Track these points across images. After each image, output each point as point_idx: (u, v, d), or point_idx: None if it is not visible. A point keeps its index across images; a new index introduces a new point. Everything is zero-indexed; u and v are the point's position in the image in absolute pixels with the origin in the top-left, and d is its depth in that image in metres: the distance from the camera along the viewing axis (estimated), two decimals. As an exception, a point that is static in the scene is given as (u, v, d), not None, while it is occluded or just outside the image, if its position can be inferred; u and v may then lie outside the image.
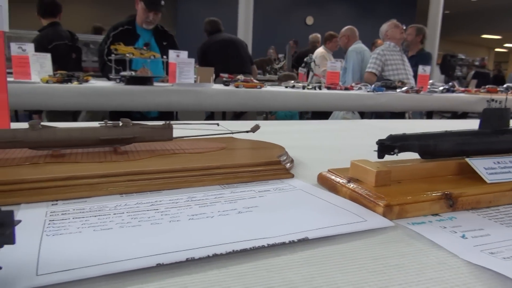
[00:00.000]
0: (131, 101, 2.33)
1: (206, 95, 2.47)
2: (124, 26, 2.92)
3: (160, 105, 2.39)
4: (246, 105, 2.57)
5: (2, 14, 0.66)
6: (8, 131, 0.51)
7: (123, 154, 0.54)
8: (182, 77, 2.55)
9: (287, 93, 2.68)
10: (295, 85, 2.97)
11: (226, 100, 2.53)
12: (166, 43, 3.00)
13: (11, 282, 0.26)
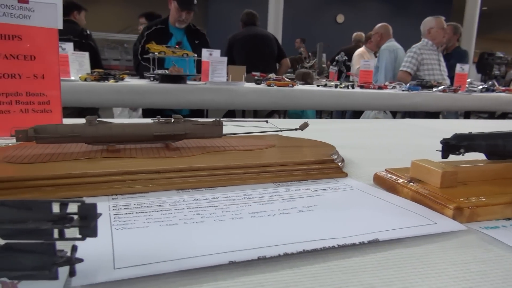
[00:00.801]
0: (164, 99, 2.36)
1: (238, 94, 2.47)
2: (158, 25, 2.97)
3: (192, 103, 2.41)
4: (277, 104, 2.56)
5: (56, 12, 0.68)
6: (66, 126, 0.52)
7: (176, 150, 0.54)
8: (214, 76, 2.57)
9: (319, 92, 2.65)
10: (327, 84, 2.93)
11: (257, 99, 2.52)
12: (198, 42, 3.03)
13: (92, 275, 0.26)
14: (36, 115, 0.69)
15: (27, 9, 0.66)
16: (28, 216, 0.24)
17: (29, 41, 0.66)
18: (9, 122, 0.67)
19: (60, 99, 0.70)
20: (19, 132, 0.50)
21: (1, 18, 0.64)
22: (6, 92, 0.66)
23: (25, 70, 0.67)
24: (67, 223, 0.24)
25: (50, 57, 0.68)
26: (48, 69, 0.68)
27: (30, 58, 0.67)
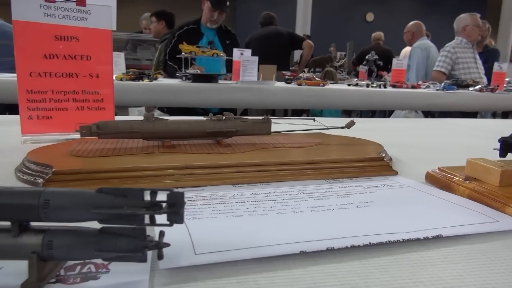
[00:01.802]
0: (197, 98, 2.40)
1: (269, 93, 2.49)
2: (190, 26, 3.03)
3: (224, 102, 2.44)
4: (308, 103, 2.56)
5: (111, 14, 0.71)
6: (126, 122, 0.55)
7: (228, 147, 0.56)
8: (245, 75, 2.59)
9: (351, 91, 2.63)
10: (358, 83, 2.90)
11: (288, 98, 2.52)
12: (229, 42, 3.07)
13: (176, 259, 0.28)
14: (90, 112, 0.72)
15: (84, 12, 0.69)
16: (123, 203, 0.26)
17: (85, 42, 0.70)
18: (66, 119, 0.71)
19: (112, 97, 0.74)
20: (83, 128, 0.53)
21: (61, 20, 0.68)
22: (64, 91, 0.70)
23: (82, 70, 0.71)
24: (158, 210, 0.26)
25: (104, 57, 0.72)
26: (102, 68, 0.72)
27: (86, 58, 0.71)
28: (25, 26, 0.66)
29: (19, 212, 0.25)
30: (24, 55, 0.67)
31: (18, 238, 0.26)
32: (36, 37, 0.67)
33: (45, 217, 0.25)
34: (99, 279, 0.27)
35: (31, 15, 0.66)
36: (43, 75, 0.68)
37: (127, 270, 0.28)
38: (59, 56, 0.69)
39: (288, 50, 3.71)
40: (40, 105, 0.68)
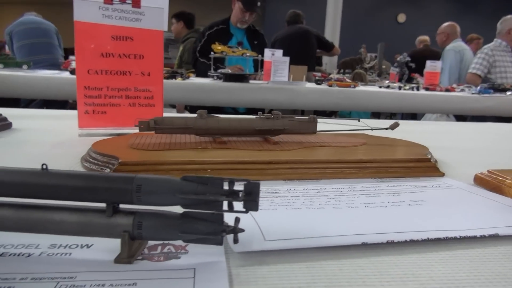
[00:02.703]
0: (228, 98, 2.44)
1: (299, 94, 2.49)
2: (219, 26, 3.07)
3: (255, 102, 2.47)
4: (339, 105, 2.55)
5: (163, 16, 0.75)
6: (181, 119, 0.58)
7: (276, 144, 0.58)
8: (276, 75, 2.61)
9: (382, 93, 2.60)
10: (390, 85, 2.86)
11: (319, 99, 2.52)
12: (257, 42, 3.10)
13: (248, 244, 0.30)
14: (141, 109, 0.76)
15: (138, 13, 0.73)
16: (205, 190, 0.29)
17: (139, 42, 0.74)
18: (119, 114, 0.75)
19: (162, 94, 0.77)
20: (141, 123, 0.57)
21: (117, 21, 0.72)
22: (118, 88, 0.74)
23: (135, 68, 0.75)
24: (236, 197, 0.28)
25: (155, 56, 0.76)
26: (153, 67, 0.76)
27: (139, 57, 0.74)
28: (85, 26, 0.70)
29: (114, 195, 0.29)
30: (83, 53, 0.71)
31: (111, 219, 0.29)
32: (94, 37, 0.71)
33: (137, 200, 0.28)
34: (180, 258, 0.30)
35: (90, 17, 0.70)
36: (99, 73, 0.72)
37: (203, 252, 0.30)
38: (115, 55, 0.73)
39: (314, 50, 3.69)
40: (95, 100, 0.73)
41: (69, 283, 0.26)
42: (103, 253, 0.30)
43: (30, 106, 3.01)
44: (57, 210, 0.29)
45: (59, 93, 2.41)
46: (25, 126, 0.79)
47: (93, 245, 0.31)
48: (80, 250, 0.30)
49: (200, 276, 0.27)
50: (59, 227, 0.29)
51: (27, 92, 2.38)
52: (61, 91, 2.34)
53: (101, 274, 0.27)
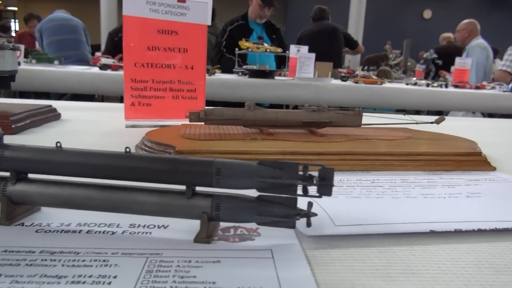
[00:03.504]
0: (254, 93, 2.45)
1: (325, 90, 2.48)
2: (239, 21, 3.07)
3: (280, 98, 2.47)
4: (366, 102, 2.52)
5: (207, 10, 0.76)
6: (229, 110, 0.59)
7: (323, 136, 0.59)
8: (302, 72, 2.61)
9: (410, 90, 2.56)
10: (418, 83, 2.82)
11: (344, 96, 2.51)
12: (275, 36, 3.10)
13: (319, 228, 0.31)
14: (184, 101, 0.78)
15: (183, 8, 0.75)
16: (281, 174, 0.30)
17: (183, 35, 0.76)
18: (163, 106, 0.77)
19: (204, 88, 0.79)
20: (192, 114, 0.58)
21: (164, 15, 0.74)
22: (162, 80, 0.76)
23: (179, 61, 0.76)
24: (311, 182, 0.29)
25: (199, 50, 0.77)
26: (196, 60, 0.77)
27: (183, 50, 0.76)
28: (133, 20, 0.72)
29: (194, 178, 0.30)
30: (130, 47, 0.73)
31: (191, 200, 0.30)
32: (141, 31, 0.73)
33: (216, 183, 0.30)
34: (254, 240, 0.31)
35: (138, 11, 0.72)
36: (145, 66, 0.74)
37: (275, 235, 0.31)
38: (160, 49, 0.75)
39: (341, 48, 3.66)
40: (141, 93, 0.75)
41: (157, 258, 0.27)
42: (180, 233, 0.31)
43: (61, 100, 3.09)
44: (140, 192, 0.31)
45: (89, 88, 2.47)
46: (72, 117, 0.83)
47: (169, 226, 0.33)
48: (158, 230, 0.32)
49: (278, 256, 0.28)
50: (142, 208, 0.31)
51: (59, 87, 2.45)
52: (90, 86, 2.40)
53: (184, 252, 0.28)
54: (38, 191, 0.31)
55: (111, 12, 5.64)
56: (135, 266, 0.26)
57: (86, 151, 0.32)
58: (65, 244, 0.29)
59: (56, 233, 0.31)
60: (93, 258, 0.27)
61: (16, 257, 0.26)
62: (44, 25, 3.40)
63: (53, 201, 0.31)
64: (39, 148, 0.32)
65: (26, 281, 0.24)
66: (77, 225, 0.32)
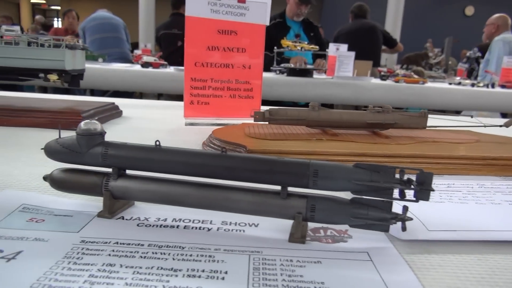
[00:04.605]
0: (292, 92, 2.44)
1: (364, 89, 2.44)
2: (277, 19, 3.07)
3: (319, 97, 2.45)
4: (407, 101, 2.46)
5: (266, 10, 0.77)
6: (294, 110, 0.59)
7: (388, 138, 0.58)
8: (341, 70, 2.58)
9: (454, 90, 2.48)
10: (462, 82, 2.72)
11: (384, 95, 2.45)
12: (313, 34, 3.07)
13: (412, 232, 0.31)
14: (240, 100, 0.79)
15: (243, 8, 0.76)
16: (378, 178, 0.30)
17: (242, 36, 0.77)
18: (220, 105, 0.78)
19: (260, 87, 0.80)
20: (257, 113, 0.59)
21: (224, 16, 0.75)
22: (221, 80, 0.77)
23: (237, 61, 0.78)
24: (410, 186, 0.29)
25: (257, 50, 0.78)
26: (254, 60, 0.78)
27: (242, 50, 0.77)
28: (195, 21, 0.74)
29: (291, 179, 0.30)
30: (192, 46, 0.75)
31: (285, 200, 0.31)
32: (203, 31, 0.75)
33: (313, 184, 0.30)
34: (347, 242, 0.31)
35: (200, 11, 0.74)
36: (205, 65, 0.76)
37: (366, 237, 0.32)
38: (220, 48, 0.76)
39: (380, 46, 3.59)
40: (200, 92, 0.77)
41: (259, 256, 0.28)
42: (271, 232, 0.32)
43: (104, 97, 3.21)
44: (235, 191, 0.32)
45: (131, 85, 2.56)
46: (132, 114, 0.86)
47: (259, 224, 0.33)
48: (250, 228, 0.33)
49: (376, 259, 0.28)
50: (237, 206, 0.32)
51: (103, 84, 2.54)
52: (133, 83, 2.48)
53: (282, 251, 0.29)
54: (138, 187, 0.33)
55: (149, 11, 5.78)
56: (241, 262, 0.27)
57: (184, 150, 0.33)
58: (167, 238, 0.30)
59: (156, 227, 0.32)
60: (199, 253, 0.28)
61: (128, 249, 0.28)
62: (87, 24, 3.52)
63: (152, 197, 0.33)
64: (139, 146, 0.33)
65: (146, 272, 0.25)
66: (173, 221, 0.33)
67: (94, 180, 0.34)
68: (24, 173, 0.44)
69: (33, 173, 0.44)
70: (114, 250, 0.28)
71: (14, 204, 0.34)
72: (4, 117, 0.66)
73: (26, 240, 0.28)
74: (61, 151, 0.34)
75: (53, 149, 0.34)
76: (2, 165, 0.46)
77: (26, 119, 0.66)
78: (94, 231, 0.31)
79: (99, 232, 0.31)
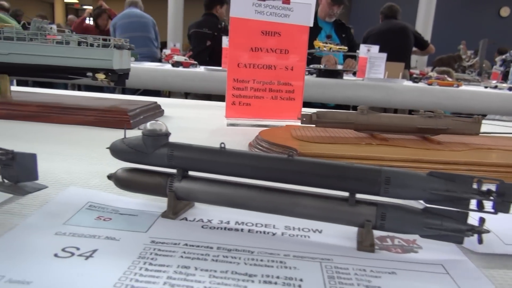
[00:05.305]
0: (322, 93, 2.42)
1: (396, 92, 2.39)
2: None
3: (349, 99, 2.41)
4: (440, 105, 2.39)
5: (310, 11, 0.76)
6: (342, 113, 0.58)
7: (440, 144, 0.57)
8: (372, 72, 2.53)
9: (490, 94, 2.39)
10: (498, 86, 2.62)
11: (417, 98, 2.39)
12: (344, 35, 3.02)
13: (488, 246, 0.30)
14: (282, 102, 0.79)
15: (287, 9, 0.75)
16: (454, 187, 0.29)
17: (286, 37, 0.76)
18: (261, 106, 0.78)
19: (302, 89, 0.79)
20: (304, 116, 0.58)
21: (268, 17, 0.75)
22: (263, 81, 0.77)
23: (279, 63, 0.77)
24: (489, 197, 0.28)
25: (300, 51, 0.77)
26: (297, 62, 0.78)
27: (285, 52, 0.77)
28: (239, 22, 0.74)
29: (361, 186, 0.30)
30: (235, 47, 0.75)
31: (354, 207, 0.30)
32: (247, 32, 0.75)
33: (385, 192, 0.29)
34: (418, 253, 0.30)
35: (244, 13, 0.74)
36: (248, 66, 0.76)
37: (437, 249, 0.30)
38: (263, 50, 0.76)
39: (411, 48, 3.50)
40: (242, 92, 0.77)
41: (330, 264, 0.27)
42: (336, 239, 0.31)
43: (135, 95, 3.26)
44: (302, 196, 0.31)
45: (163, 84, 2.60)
46: (172, 114, 0.87)
47: (323, 231, 0.33)
48: (314, 234, 0.32)
49: (454, 272, 0.27)
50: (303, 211, 0.31)
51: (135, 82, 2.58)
52: (164, 82, 2.52)
53: (353, 259, 0.28)
54: (202, 188, 0.33)
55: (178, 11, 5.86)
56: (313, 270, 0.27)
57: (249, 153, 0.33)
58: (234, 241, 0.30)
59: (220, 230, 0.32)
60: (269, 258, 0.28)
61: (198, 251, 0.28)
62: (118, 21, 3.56)
63: (216, 199, 0.33)
64: (204, 148, 0.33)
65: (222, 276, 0.25)
66: (236, 223, 0.33)
67: (158, 181, 0.34)
68: (83, 171, 0.44)
69: (91, 171, 0.45)
70: (185, 252, 0.28)
71: (80, 201, 0.35)
72: (55, 115, 0.67)
73: (98, 238, 0.29)
74: (127, 151, 0.34)
75: (119, 149, 0.35)
76: (61, 162, 0.47)
77: (76, 117, 0.67)
78: (161, 232, 0.31)
79: (166, 232, 0.31)
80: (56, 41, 0.70)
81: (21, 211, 0.33)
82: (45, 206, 0.33)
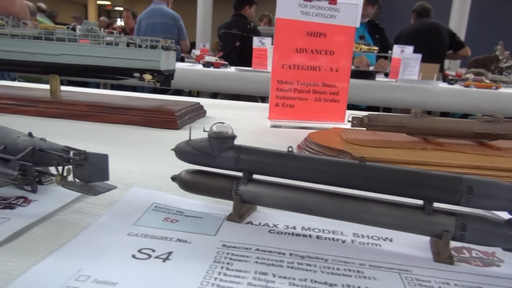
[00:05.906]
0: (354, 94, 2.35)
1: (431, 93, 2.32)
2: None
3: (382, 100, 2.37)
4: (478, 108, 2.30)
5: (357, 12, 0.74)
6: (395, 117, 0.57)
7: (499, 150, 0.54)
8: (405, 73, 2.47)
9: (532, 97, 2.28)
10: (540, 88, 2.51)
11: (452, 100, 2.32)
12: (378, 36, 2.96)
13: None
14: (326, 104, 0.78)
15: (334, 10, 0.74)
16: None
17: (331, 38, 0.75)
18: (304, 108, 0.77)
19: (347, 91, 0.78)
20: (355, 119, 0.57)
21: (314, 18, 0.74)
22: (307, 82, 0.76)
23: (324, 64, 0.76)
24: None
25: (345, 53, 0.76)
26: (342, 63, 0.76)
27: (330, 53, 0.76)
28: (284, 23, 0.73)
29: (440, 194, 0.28)
30: (280, 48, 0.75)
31: (431, 217, 0.29)
32: (292, 32, 0.74)
33: (466, 202, 0.28)
34: (500, 267, 0.29)
35: (291, 13, 0.73)
36: (292, 67, 0.75)
37: (520, 263, 0.29)
38: (308, 51, 0.75)
39: (446, 48, 3.39)
40: (286, 94, 0.76)
41: (410, 276, 0.26)
42: (410, 249, 0.30)
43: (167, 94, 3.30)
44: (374, 203, 0.30)
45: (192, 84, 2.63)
46: (214, 114, 0.87)
47: (393, 239, 0.32)
48: (385, 243, 0.31)
49: (545, 289, 0.26)
50: (375, 219, 0.30)
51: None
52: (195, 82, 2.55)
53: (433, 272, 0.27)
54: (269, 193, 0.33)
55: (207, 12, 5.91)
56: (393, 281, 0.26)
57: (318, 157, 0.32)
58: (305, 248, 0.29)
59: (288, 235, 0.32)
60: (345, 267, 0.27)
61: (271, 257, 0.28)
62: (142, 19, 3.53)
63: (283, 204, 0.32)
64: (271, 151, 0.33)
65: (302, 285, 0.24)
66: (303, 229, 0.33)
67: (224, 184, 0.34)
68: (141, 171, 0.45)
69: (149, 171, 0.45)
70: (259, 257, 0.27)
71: (146, 202, 0.35)
72: (104, 114, 0.69)
73: (170, 240, 0.29)
74: (193, 152, 0.34)
75: (184, 151, 0.35)
76: (120, 162, 0.48)
77: (124, 117, 0.69)
78: (230, 235, 0.31)
79: (235, 236, 0.30)
80: (106, 42, 0.71)
81: (91, 210, 0.33)
82: (115, 206, 0.34)
